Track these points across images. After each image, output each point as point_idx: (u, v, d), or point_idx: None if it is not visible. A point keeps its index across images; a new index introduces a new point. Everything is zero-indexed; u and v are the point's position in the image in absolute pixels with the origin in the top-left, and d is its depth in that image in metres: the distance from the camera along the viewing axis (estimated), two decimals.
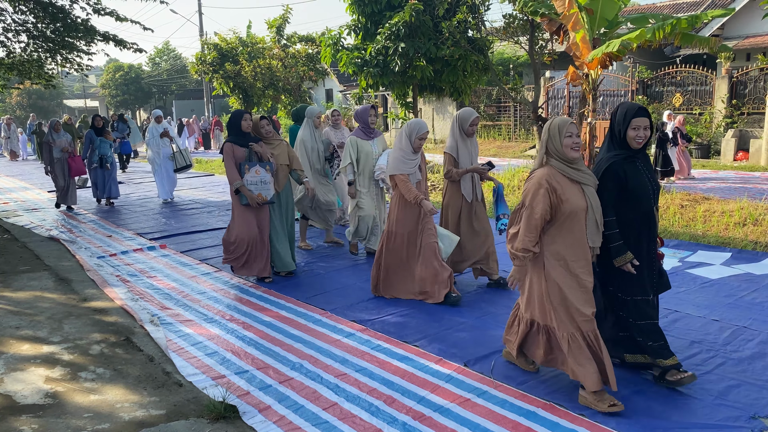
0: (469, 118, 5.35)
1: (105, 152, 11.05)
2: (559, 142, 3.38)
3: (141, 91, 51.15)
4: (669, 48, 20.35)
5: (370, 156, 6.48)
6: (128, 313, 5.26)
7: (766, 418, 3.23)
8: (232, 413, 3.49)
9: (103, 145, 11.02)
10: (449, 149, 5.45)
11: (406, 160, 5.18)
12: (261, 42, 20.32)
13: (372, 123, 6.52)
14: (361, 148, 6.47)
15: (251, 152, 5.85)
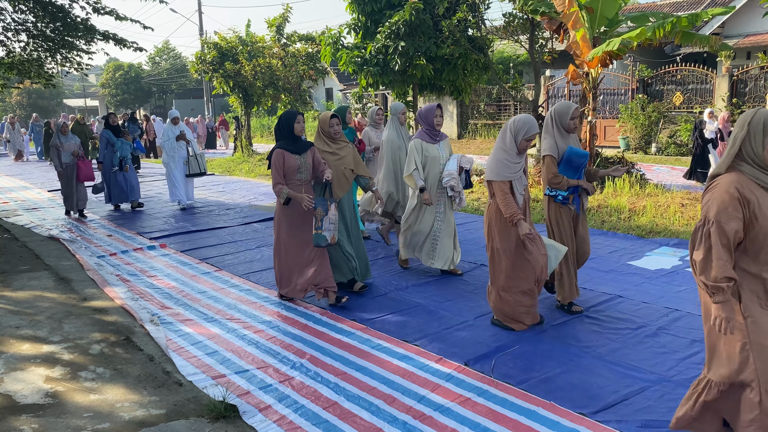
0: (568, 111, 4.62)
1: (125, 154, 10.35)
2: (761, 143, 2.59)
3: (141, 91, 51.15)
4: (669, 46, 20.34)
5: (437, 161, 5.78)
6: (128, 312, 5.26)
7: None
8: (232, 413, 3.49)
9: (124, 146, 10.32)
10: (549, 150, 4.66)
11: (509, 164, 4.37)
12: (261, 41, 20.28)
13: (438, 124, 5.82)
14: (427, 152, 5.78)
15: (327, 187, 5.20)
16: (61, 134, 9.79)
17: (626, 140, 17.36)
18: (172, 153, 10.37)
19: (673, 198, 9.10)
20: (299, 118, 5.17)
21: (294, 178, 5.08)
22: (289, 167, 5.03)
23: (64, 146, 9.75)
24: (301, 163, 5.09)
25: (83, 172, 9.89)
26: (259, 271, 6.47)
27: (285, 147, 5.07)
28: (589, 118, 10.50)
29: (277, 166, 5.04)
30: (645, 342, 4.26)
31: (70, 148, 9.78)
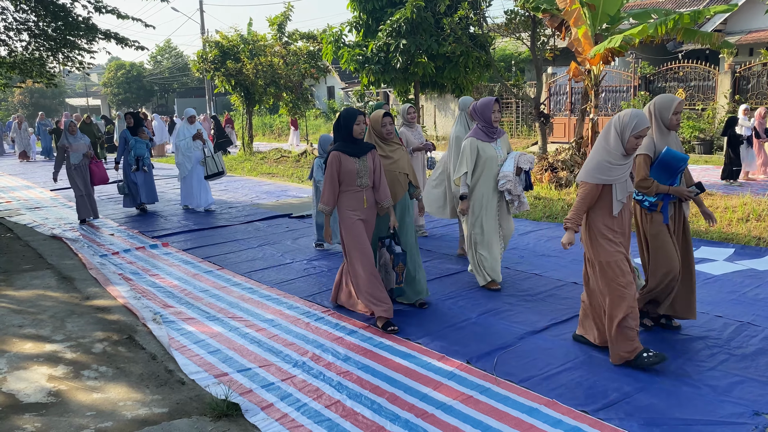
0: (671, 105, 4.11)
1: (141, 153, 9.83)
2: None
3: (143, 90, 51.20)
4: (671, 43, 20.28)
5: (494, 162, 5.23)
6: (131, 311, 5.27)
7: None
8: (235, 411, 3.49)
9: (139, 145, 9.80)
10: (644, 148, 4.12)
11: (611, 166, 3.76)
12: (262, 39, 20.28)
13: (495, 120, 5.21)
14: (483, 152, 5.21)
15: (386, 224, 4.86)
16: (69, 134, 9.07)
17: None
18: (188, 153, 9.88)
19: None
20: (360, 118, 4.64)
21: (353, 184, 4.62)
22: (347, 171, 4.57)
23: (73, 146, 9.05)
24: (361, 167, 4.59)
25: (97, 175, 9.24)
26: (261, 269, 6.48)
27: (342, 149, 4.60)
28: (591, 116, 10.48)
29: (332, 170, 4.57)
30: (647, 340, 4.25)
31: (79, 148, 9.09)
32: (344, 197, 4.67)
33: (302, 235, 8.03)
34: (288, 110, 20.48)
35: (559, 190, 10.03)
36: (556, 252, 6.64)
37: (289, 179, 14.24)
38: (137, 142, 9.80)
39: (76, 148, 9.06)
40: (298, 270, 6.38)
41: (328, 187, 4.61)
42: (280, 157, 18.64)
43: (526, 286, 5.54)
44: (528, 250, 6.79)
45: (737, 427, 3.11)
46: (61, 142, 9.04)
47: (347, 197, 4.65)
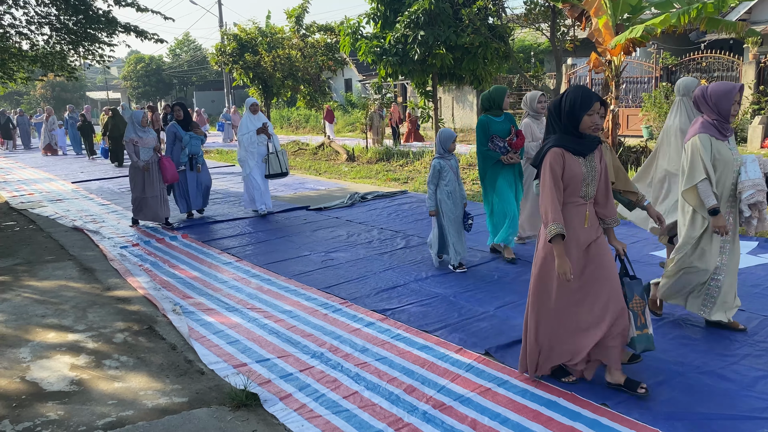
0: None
1: (196, 150, 8.77)
2: None
3: (162, 83, 51.60)
4: (694, 33, 19.95)
5: (730, 166, 4.03)
6: (151, 302, 5.32)
7: None
8: (254, 401, 3.52)
9: (194, 141, 8.72)
10: None
11: None
12: (280, 32, 20.31)
13: (734, 114, 3.99)
14: (719, 154, 3.99)
15: None
16: (139, 126, 8.07)
17: (649, 129, 17.11)
18: (252, 149, 8.79)
19: None
20: (596, 107, 3.29)
21: (576, 195, 3.38)
22: (573, 176, 3.33)
23: (143, 140, 8.06)
24: (588, 170, 3.37)
25: (170, 172, 8.20)
26: (280, 261, 6.51)
27: (566, 144, 3.34)
28: (612, 107, 10.36)
29: (554, 174, 3.31)
30: (670, 333, 4.21)
31: (149, 143, 8.11)
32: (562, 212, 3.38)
33: (320, 227, 8.05)
34: (306, 103, 20.50)
35: None
36: None
37: (306, 172, 14.28)
38: (192, 138, 8.71)
39: (145, 143, 8.09)
40: (316, 262, 6.40)
41: (550, 197, 3.30)
42: (297, 150, 18.69)
43: None
44: None
45: (760, 422, 3.07)
46: (128, 135, 8.04)
47: (565, 211, 3.38)
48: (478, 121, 6.03)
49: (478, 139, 6.03)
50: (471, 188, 10.67)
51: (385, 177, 12.57)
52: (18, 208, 10.30)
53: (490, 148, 5.96)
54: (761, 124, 14.69)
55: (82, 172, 16.03)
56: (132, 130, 8.04)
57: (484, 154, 6.00)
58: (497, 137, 5.92)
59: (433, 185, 5.86)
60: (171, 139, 8.67)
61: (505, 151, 5.93)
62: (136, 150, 8.04)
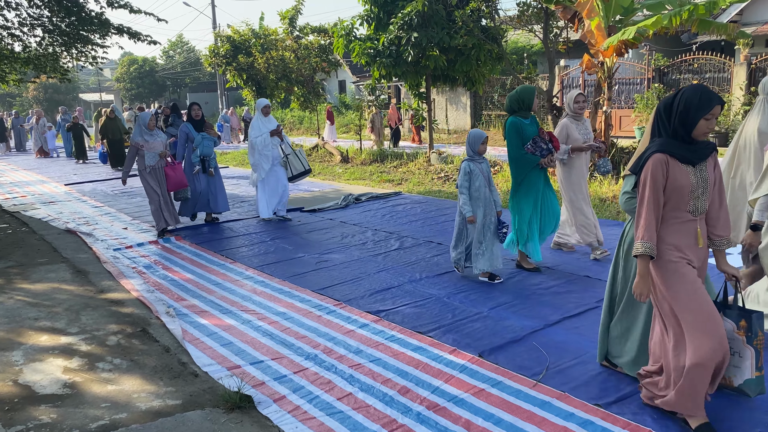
0: None
1: (208, 152, 8.32)
2: None
3: (155, 84, 51.48)
4: (686, 35, 20.05)
5: None
6: (144, 304, 5.31)
7: None
8: (248, 403, 3.51)
9: (206, 143, 8.27)
10: None
11: None
12: (274, 34, 20.31)
13: None
14: None
15: None
16: (145, 129, 7.57)
17: (642, 130, 17.18)
18: (266, 151, 8.31)
19: None
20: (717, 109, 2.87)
21: (682, 210, 2.96)
22: (678, 188, 2.91)
23: (149, 144, 7.54)
24: (698, 180, 2.92)
25: (173, 180, 7.73)
26: (273, 263, 6.50)
27: (672, 150, 2.92)
28: (604, 108, 10.41)
29: (655, 185, 2.90)
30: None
31: (156, 147, 7.59)
32: (665, 229, 2.98)
33: (314, 229, 8.04)
34: (299, 104, 20.49)
35: None
36: None
37: None
38: (204, 140, 8.26)
39: (151, 147, 7.56)
40: (310, 264, 6.40)
41: (645, 211, 2.92)
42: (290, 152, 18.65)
43: (539, 279, 5.52)
44: None
45: (754, 422, 3.08)
46: (134, 138, 7.57)
47: (670, 229, 2.97)
48: (510, 124, 5.51)
49: (513, 142, 5.48)
50: None
51: (379, 178, 12.58)
52: (10, 211, 10.26)
53: (528, 152, 5.45)
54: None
55: (75, 174, 15.96)
56: (138, 133, 7.57)
57: (521, 158, 5.48)
58: (540, 138, 5.46)
59: (465, 189, 5.37)
60: (183, 139, 8.29)
61: (548, 153, 5.48)
62: (140, 153, 7.54)
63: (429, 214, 8.60)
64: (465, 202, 5.35)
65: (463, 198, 5.37)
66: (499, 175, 11.51)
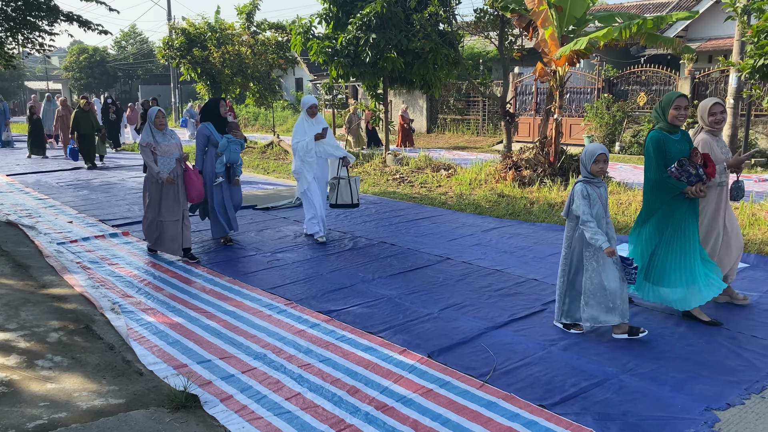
0: None
1: (235, 159, 6.87)
2: None
3: (106, 75, 50.00)
4: (634, 48, 20.70)
5: None
6: (88, 300, 5.16)
7: (719, 410, 3.33)
8: (194, 403, 3.46)
9: (233, 147, 6.81)
10: None
11: None
12: (230, 28, 20.02)
13: None
14: None
15: None
16: (155, 129, 6.21)
17: (591, 138, 17.65)
18: (309, 158, 6.94)
19: (635, 196, 9.29)
20: None
21: None
22: None
23: (163, 147, 6.15)
24: None
25: (196, 188, 6.39)
26: (224, 261, 6.41)
27: None
28: (555, 116, 10.65)
29: None
30: (604, 336, 4.35)
31: (171, 150, 6.21)
32: None
33: (266, 227, 7.97)
34: (255, 101, 20.26)
35: (522, 189, 10.17)
36: (518, 249, 6.73)
37: (254, 170, 14.10)
38: (231, 143, 6.78)
39: (166, 150, 6.18)
40: (262, 262, 6.34)
41: None
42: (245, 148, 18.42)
43: (488, 281, 5.61)
44: (491, 246, 6.87)
45: (688, 422, 3.21)
46: (144, 139, 6.20)
47: None
48: (651, 139, 4.52)
49: (651, 162, 4.51)
50: None
51: None
52: None
53: (672, 176, 4.43)
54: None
55: (18, 164, 15.38)
56: (148, 133, 6.20)
57: (662, 182, 4.47)
58: (688, 161, 4.41)
59: (590, 215, 4.17)
60: (202, 143, 6.79)
61: (697, 180, 4.41)
62: (153, 158, 6.17)
63: (383, 215, 8.63)
64: (596, 231, 4.14)
65: (592, 227, 4.15)
66: (453, 178, 11.63)
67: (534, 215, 8.38)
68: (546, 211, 8.57)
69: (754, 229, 7.23)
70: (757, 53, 7.51)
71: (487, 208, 8.91)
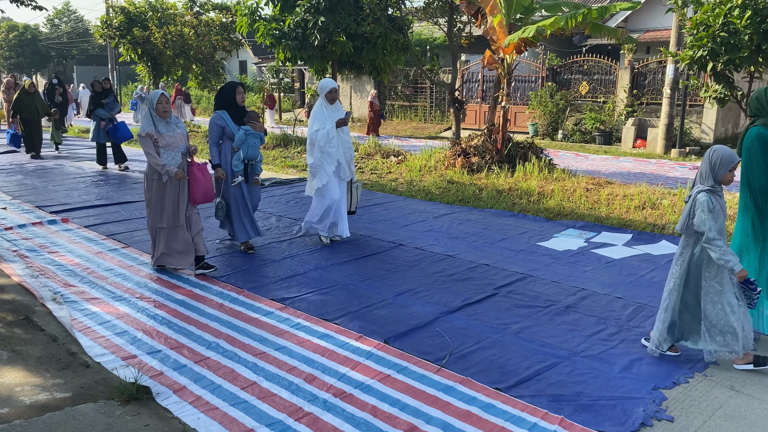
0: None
1: (254, 154, 5.95)
2: None
3: (38, 54, 47.68)
4: (577, 37, 21.17)
5: None
6: (27, 290, 4.92)
7: (666, 389, 3.46)
8: (145, 394, 3.35)
9: (251, 140, 5.87)
10: None
11: None
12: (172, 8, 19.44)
13: None
14: None
15: None
16: (157, 116, 5.13)
17: (535, 126, 17.99)
18: (330, 148, 6.10)
19: (579, 183, 9.53)
20: None
21: None
22: None
23: (166, 138, 5.14)
24: None
25: (202, 185, 5.37)
26: None
27: None
28: (503, 104, 10.78)
29: None
30: (555, 319, 4.46)
31: (176, 142, 5.21)
32: None
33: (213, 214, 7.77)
34: (198, 83, 19.75)
35: (471, 175, 10.28)
36: (468, 235, 6.80)
37: (198, 156, 13.76)
38: (248, 136, 5.85)
39: (170, 142, 5.16)
40: (211, 250, 6.19)
41: None
42: (189, 132, 17.96)
43: (441, 267, 5.65)
44: (442, 232, 6.92)
45: (637, 402, 3.32)
46: (144, 128, 5.14)
47: None
48: (756, 137, 3.96)
49: (758, 164, 3.97)
50: None
51: (282, 164, 12.37)
52: None
53: None
54: (634, 125, 15.88)
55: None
56: (149, 121, 5.15)
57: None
58: None
59: (716, 232, 3.56)
60: (216, 134, 5.83)
61: None
62: (157, 150, 5.16)
63: None
64: (726, 251, 3.56)
65: (721, 245, 3.56)
66: (403, 165, 11.65)
67: (483, 201, 8.49)
68: (494, 197, 8.70)
69: None
70: (696, 45, 7.80)
71: (438, 195, 8.97)
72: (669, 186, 9.58)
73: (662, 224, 7.16)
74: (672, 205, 7.96)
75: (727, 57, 7.51)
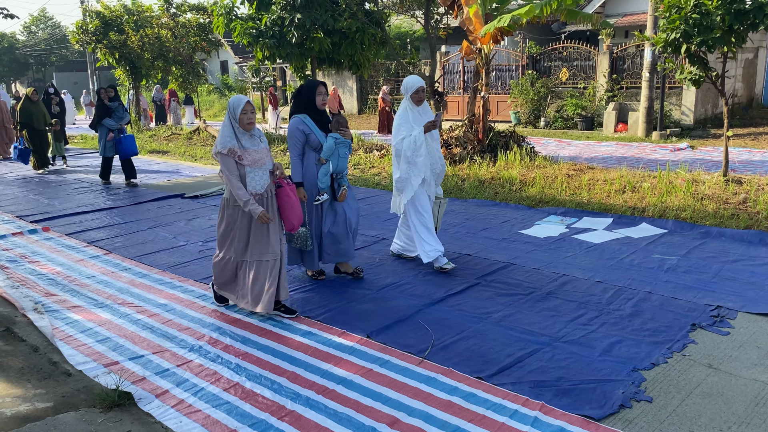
0: None
1: (342, 167, 4.97)
2: None
3: (16, 62, 47.20)
4: (556, 24, 21.22)
5: None
6: (8, 301, 4.89)
7: (645, 370, 3.50)
8: (127, 400, 3.35)
9: (342, 150, 4.92)
10: None
11: None
12: (148, 10, 19.26)
13: None
14: None
15: None
16: (240, 129, 4.22)
17: (517, 115, 18.04)
18: (417, 158, 5.23)
19: (560, 169, 9.58)
20: None
21: None
22: None
23: (250, 154, 4.24)
24: None
25: (296, 212, 4.44)
26: (153, 253, 6.21)
27: None
28: (483, 94, 10.80)
29: None
30: (536, 306, 4.49)
31: (261, 159, 4.30)
32: None
33: (196, 216, 7.76)
34: (178, 85, 19.62)
35: (453, 166, 10.30)
36: (451, 225, 6.83)
37: (181, 158, 13.69)
38: (338, 146, 4.87)
39: (255, 159, 4.25)
40: (193, 252, 6.18)
41: None
42: (170, 135, 17.85)
43: None
44: None
45: (617, 384, 3.36)
46: (224, 143, 4.18)
47: None
48: None
49: None
50: None
51: None
52: None
53: None
54: (614, 110, 15.97)
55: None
56: (230, 134, 4.21)
57: None
58: None
59: None
60: (300, 143, 4.82)
61: None
62: (241, 172, 4.22)
63: None
64: None
65: None
66: (386, 158, 11.66)
67: (465, 192, 8.52)
68: (477, 187, 8.72)
69: (671, 196, 7.60)
70: (669, 27, 7.84)
71: None
72: (650, 169, 9.64)
73: (642, 207, 7.21)
74: (652, 187, 8.02)
75: (700, 38, 7.54)
